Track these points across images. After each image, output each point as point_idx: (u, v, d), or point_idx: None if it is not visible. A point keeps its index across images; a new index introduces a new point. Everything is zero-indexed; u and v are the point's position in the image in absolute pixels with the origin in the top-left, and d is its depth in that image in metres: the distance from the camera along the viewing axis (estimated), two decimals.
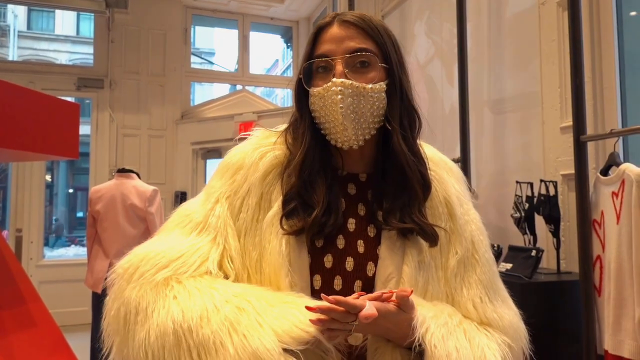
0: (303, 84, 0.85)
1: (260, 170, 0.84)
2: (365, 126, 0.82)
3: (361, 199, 0.86)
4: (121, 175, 3.17)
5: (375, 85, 0.82)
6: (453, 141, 3.17)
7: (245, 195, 0.83)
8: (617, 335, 1.75)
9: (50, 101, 2.28)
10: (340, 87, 0.79)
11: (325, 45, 0.83)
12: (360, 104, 0.80)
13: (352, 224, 0.83)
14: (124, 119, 5.55)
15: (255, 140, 0.89)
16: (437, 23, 3.54)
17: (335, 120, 0.80)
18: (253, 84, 6.58)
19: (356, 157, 0.87)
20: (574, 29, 2.05)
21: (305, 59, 0.85)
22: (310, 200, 0.80)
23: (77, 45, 16.48)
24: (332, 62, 0.82)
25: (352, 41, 0.82)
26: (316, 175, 0.82)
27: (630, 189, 1.72)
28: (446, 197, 0.86)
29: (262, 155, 0.86)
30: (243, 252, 0.81)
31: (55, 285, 5.03)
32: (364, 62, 0.82)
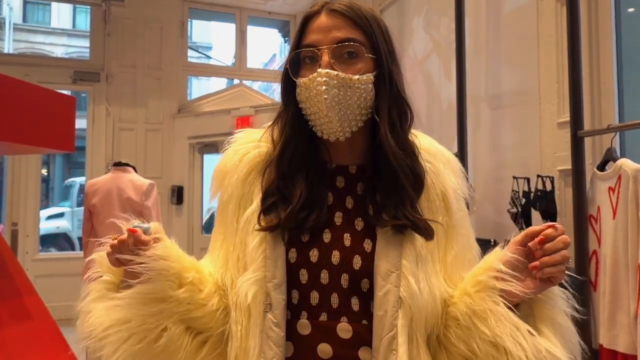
0: (290, 74, 0.83)
1: (241, 172, 0.85)
2: (352, 118, 0.80)
3: (350, 192, 0.84)
4: (117, 169, 3.15)
5: (362, 76, 0.80)
6: (450, 136, 3.17)
7: (230, 198, 0.85)
8: (612, 329, 1.77)
9: (46, 94, 2.27)
10: (325, 77, 0.77)
11: (312, 35, 0.82)
12: (347, 95, 0.79)
13: (339, 217, 0.82)
14: (120, 113, 5.52)
15: (237, 142, 0.90)
16: (435, 18, 3.54)
17: (320, 112, 0.79)
18: (250, 78, 6.56)
19: (345, 149, 0.85)
20: (572, 25, 2.05)
21: (293, 48, 0.84)
22: (289, 194, 0.80)
23: (73, 38, 16.37)
24: (318, 52, 0.80)
25: (339, 31, 0.80)
26: (296, 168, 0.82)
27: (626, 185, 1.72)
28: (443, 190, 0.84)
29: (243, 156, 0.86)
30: (225, 255, 0.85)
31: (51, 279, 5.02)
32: (351, 52, 0.80)
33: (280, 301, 0.76)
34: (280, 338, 0.75)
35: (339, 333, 0.77)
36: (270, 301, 0.76)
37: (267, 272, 0.77)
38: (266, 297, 0.76)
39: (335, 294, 0.78)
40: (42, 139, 2.20)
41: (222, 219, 0.87)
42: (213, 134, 5.54)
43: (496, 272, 0.75)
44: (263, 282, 0.76)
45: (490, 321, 0.74)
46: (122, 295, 0.77)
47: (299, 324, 0.78)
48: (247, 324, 0.77)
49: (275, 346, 0.75)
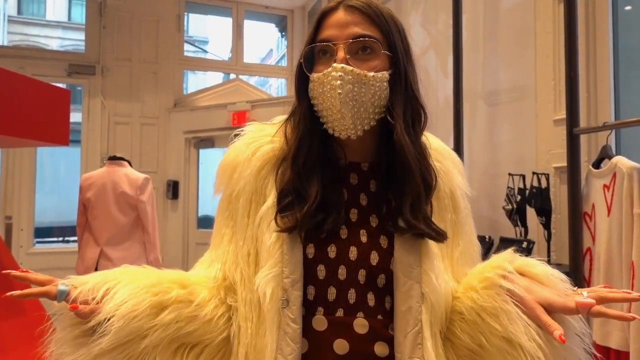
0: (304, 69, 0.82)
1: (254, 166, 0.84)
2: (365, 116, 0.79)
3: (363, 188, 0.85)
4: (112, 163, 3.14)
5: (377, 73, 0.79)
6: (447, 132, 3.17)
7: (241, 192, 0.84)
8: (605, 326, 1.78)
9: (41, 87, 2.25)
10: (340, 72, 0.76)
11: (328, 30, 0.81)
12: (361, 92, 0.78)
13: (354, 214, 0.82)
14: (115, 107, 5.49)
15: (248, 135, 0.88)
16: (432, 14, 3.53)
17: (333, 107, 0.78)
18: (247, 73, 6.54)
19: (356, 147, 0.85)
20: (570, 22, 2.04)
21: (308, 43, 0.83)
22: (305, 193, 0.79)
23: (68, 31, 16.26)
24: (334, 47, 0.79)
25: (356, 27, 0.79)
26: (311, 166, 0.81)
27: (621, 182, 1.73)
28: (452, 189, 0.86)
29: (255, 150, 0.85)
30: (233, 251, 0.84)
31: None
32: (367, 49, 0.80)
33: (297, 297, 0.76)
34: (297, 334, 0.75)
35: (356, 328, 0.78)
36: (287, 297, 0.76)
37: (284, 268, 0.77)
38: (283, 294, 0.76)
39: (352, 290, 0.78)
40: (36, 132, 2.19)
41: (229, 214, 0.85)
42: (209, 128, 5.52)
43: (505, 272, 0.76)
44: (280, 279, 0.76)
45: (503, 318, 0.74)
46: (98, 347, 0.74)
47: (314, 320, 0.78)
48: (258, 320, 0.77)
49: (293, 342, 0.75)
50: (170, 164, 5.63)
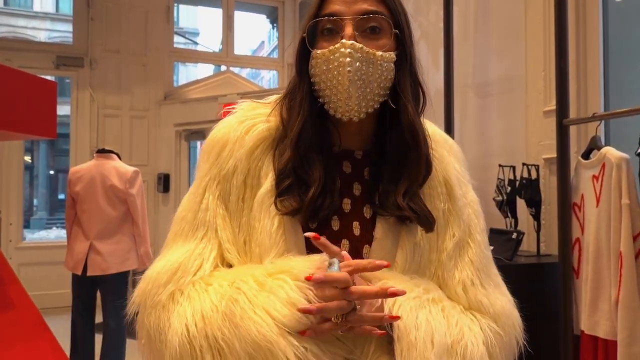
0: (307, 44, 0.77)
1: (247, 145, 0.78)
2: (370, 97, 0.75)
3: (357, 177, 0.81)
4: (101, 156, 3.10)
5: (385, 53, 0.75)
6: (437, 124, 3.16)
7: (232, 173, 0.78)
8: (593, 315, 1.79)
9: (27, 79, 2.22)
10: (349, 49, 0.72)
11: (334, 4, 0.76)
12: (369, 71, 0.74)
13: (347, 204, 0.79)
14: (104, 99, 5.43)
15: (240, 113, 0.83)
16: (423, 5, 3.52)
17: (339, 86, 0.73)
18: (238, 65, 6.49)
19: (354, 132, 0.80)
20: (560, 13, 2.04)
21: (311, 17, 0.77)
22: (306, 177, 0.75)
23: (56, 22, 16.04)
24: (341, 22, 0.74)
25: (364, 3, 0.75)
26: (313, 150, 0.76)
27: (610, 173, 1.73)
28: (446, 177, 0.82)
29: (249, 128, 0.80)
30: (231, 237, 0.78)
31: (35, 268, 4.96)
32: (375, 27, 0.75)
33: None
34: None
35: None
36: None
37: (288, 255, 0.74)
38: None
39: None
40: (22, 124, 2.16)
41: (219, 193, 0.78)
42: (200, 121, 5.48)
43: None
44: None
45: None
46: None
47: None
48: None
49: None
50: (161, 156, 5.59)
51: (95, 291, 3.05)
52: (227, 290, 0.70)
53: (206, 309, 0.69)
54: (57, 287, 4.82)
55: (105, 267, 2.90)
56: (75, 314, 3.03)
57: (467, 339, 0.72)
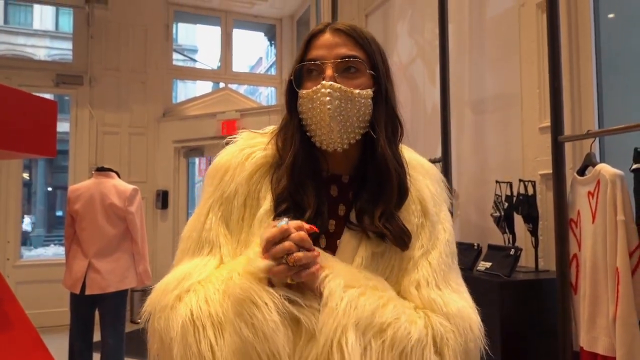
0: (294, 85, 0.88)
1: (247, 170, 0.88)
2: (351, 130, 0.85)
3: (342, 200, 0.89)
4: (100, 174, 3.11)
5: (362, 91, 0.85)
6: (434, 140, 3.20)
7: (233, 195, 0.87)
8: (591, 332, 1.79)
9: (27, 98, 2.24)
10: (329, 89, 0.82)
11: (317, 50, 0.87)
12: (347, 107, 0.83)
13: (332, 224, 0.87)
14: (104, 117, 5.46)
15: (241, 142, 0.93)
16: (419, 23, 3.57)
17: (322, 121, 0.83)
18: (236, 81, 6.55)
19: (340, 160, 0.90)
20: (552, 31, 2.08)
21: (297, 62, 0.89)
22: (301, 202, 0.84)
23: (55, 40, 16.17)
24: (322, 66, 0.85)
25: (342, 48, 0.86)
26: (306, 177, 0.86)
27: (605, 189, 1.75)
28: (420, 196, 0.90)
29: (248, 155, 0.89)
30: (230, 252, 0.86)
31: (33, 286, 4.94)
32: (353, 68, 0.86)
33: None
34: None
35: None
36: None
37: None
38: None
39: None
40: (22, 144, 2.17)
41: (221, 214, 0.87)
42: (198, 137, 5.52)
43: None
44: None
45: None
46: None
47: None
48: None
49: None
50: (160, 173, 5.60)
51: (93, 310, 3.04)
52: (225, 275, 0.80)
53: (209, 293, 0.78)
54: (54, 305, 4.79)
55: (104, 285, 2.89)
56: (73, 333, 3.02)
57: (402, 324, 0.75)
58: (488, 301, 2.08)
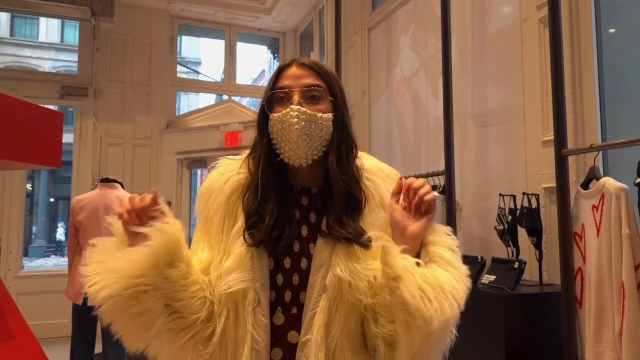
0: (265, 110, 1.02)
1: (225, 192, 1.04)
2: (314, 147, 1.00)
3: (312, 208, 1.04)
4: (105, 185, 3.12)
5: (324, 114, 1.01)
6: (437, 153, 3.21)
7: (215, 213, 1.04)
8: (597, 346, 1.78)
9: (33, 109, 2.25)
10: (297, 112, 0.97)
11: (285, 80, 1.02)
12: (311, 128, 0.98)
13: (304, 230, 1.02)
14: (108, 128, 5.50)
15: (221, 168, 1.10)
16: (421, 37, 3.60)
17: (290, 140, 0.97)
18: (239, 94, 6.58)
19: (307, 174, 1.04)
20: (555, 46, 2.10)
21: (269, 90, 1.04)
22: (263, 213, 0.99)
23: (61, 53, 16.32)
24: (290, 93, 1.00)
25: (307, 78, 1.02)
26: (269, 191, 1.01)
27: (609, 203, 1.75)
28: (380, 199, 1.04)
29: (227, 180, 1.05)
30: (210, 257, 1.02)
31: (34, 297, 4.92)
32: (316, 95, 1.01)
33: (266, 297, 0.96)
34: (267, 326, 0.95)
35: (289, 338, 0.97)
36: (259, 297, 0.95)
37: (254, 274, 0.96)
38: (255, 295, 0.95)
39: (303, 292, 0.98)
40: (28, 154, 2.18)
41: (207, 229, 1.05)
42: (202, 149, 5.53)
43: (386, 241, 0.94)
44: (252, 283, 0.95)
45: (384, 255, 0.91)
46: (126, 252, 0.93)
47: (275, 317, 0.98)
48: (237, 316, 0.96)
49: (264, 333, 0.95)
50: (163, 184, 5.61)
51: (95, 321, 3.03)
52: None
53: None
54: (56, 316, 4.77)
55: None
56: (75, 344, 3.00)
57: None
58: (492, 314, 2.07)
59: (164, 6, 5.76)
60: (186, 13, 5.98)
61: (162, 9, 5.78)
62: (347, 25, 4.60)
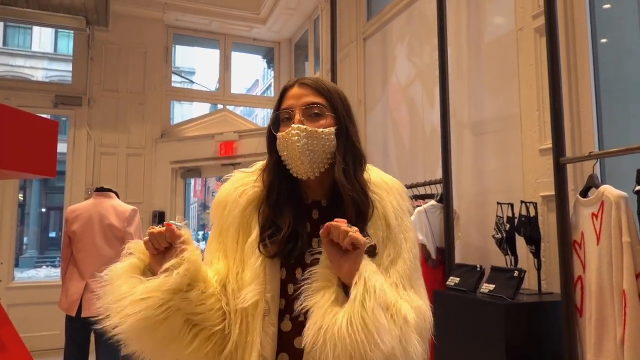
0: (272, 130, 1.08)
1: (241, 205, 1.09)
2: (319, 161, 1.05)
3: (323, 221, 1.02)
4: (99, 195, 3.09)
5: (325, 129, 1.05)
6: (434, 162, 3.21)
7: (230, 225, 1.09)
8: (599, 356, 1.77)
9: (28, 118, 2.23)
10: (297, 130, 1.03)
11: (288, 100, 1.09)
12: (313, 143, 1.03)
13: (315, 242, 1.05)
14: (101, 137, 5.46)
15: (235, 179, 1.14)
16: (417, 46, 3.62)
17: (294, 156, 1.03)
18: (234, 103, 6.58)
19: (317, 187, 1.09)
20: (552, 55, 2.11)
21: (274, 111, 1.10)
22: (280, 224, 1.04)
23: (54, 62, 16.27)
24: (292, 112, 1.06)
25: (308, 97, 1.07)
26: (283, 203, 1.06)
27: (609, 211, 1.75)
28: (384, 212, 1.07)
29: (242, 193, 1.10)
30: (227, 268, 1.07)
31: (26, 308, 4.85)
32: (317, 113, 1.06)
33: (275, 307, 1.01)
34: (274, 334, 1.00)
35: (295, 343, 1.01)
36: (268, 307, 1.00)
37: (267, 285, 1.01)
38: (266, 304, 1.00)
39: None
40: (22, 164, 2.16)
41: (222, 240, 1.10)
42: (196, 158, 5.51)
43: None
44: (263, 294, 1.01)
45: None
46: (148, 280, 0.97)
47: (282, 324, 1.02)
48: (247, 324, 1.00)
49: (271, 340, 1.00)
50: (157, 194, 5.57)
51: (89, 333, 2.98)
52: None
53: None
54: (48, 328, 4.70)
55: None
56: (68, 356, 2.95)
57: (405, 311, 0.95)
58: (492, 323, 2.05)
59: (159, 16, 5.76)
60: (181, 23, 5.98)
61: (157, 18, 5.78)
62: (342, 35, 4.62)
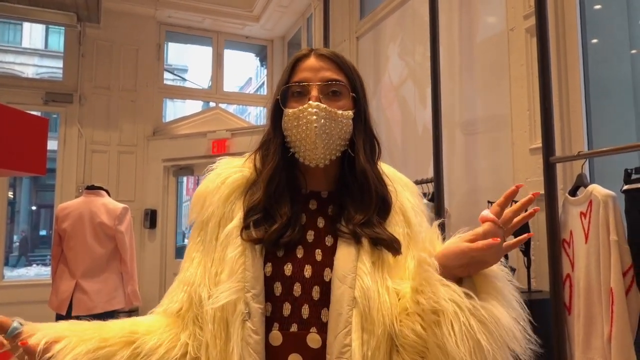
0: (280, 105, 0.92)
1: (223, 193, 0.92)
2: (333, 147, 0.90)
3: (321, 213, 0.93)
4: (90, 193, 3.07)
5: (344, 112, 0.92)
6: (425, 160, 3.22)
7: (210, 218, 0.92)
8: (587, 353, 1.79)
9: (18, 115, 2.22)
10: (316, 109, 0.88)
11: (302, 73, 0.93)
12: (331, 126, 0.89)
13: (310, 235, 0.90)
14: (93, 135, 5.43)
15: (219, 168, 0.98)
16: (410, 45, 3.63)
17: (307, 138, 0.88)
18: (227, 101, 6.56)
19: (320, 176, 0.94)
20: (542, 55, 2.12)
21: (283, 83, 0.94)
22: (274, 213, 0.88)
23: (45, 59, 16.13)
24: (308, 87, 0.91)
25: (327, 72, 0.92)
26: (283, 190, 0.90)
27: (597, 210, 1.77)
28: (402, 207, 0.95)
29: (225, 178, 0.94)
30: (204, 272, 0.88)
31: (16, 307, 4.81)
32: (336, 91, 0.92)
33: (258, 310, 0.82)
34: (259, 345, 0.81)
35: (309, 343, 0.83)
36: (249, 310, 0.81)
37: (246, 283, 0.83)
38: (245, 307, 0.81)
39: (306, 305, 0.84)
40: (12, 161, 2.14)
41: (200, 238, 0.92)
42: (189, 156, 5.49)
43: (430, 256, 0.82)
44: (242, 293, 0.82)
45: (426, 289, 0.78)
46: None
47: (270, 336, 0.83)
48: (226, 336, 0.82)
49: (255, 352, 0.80)
50: (148, 192, 5.55)
51: None
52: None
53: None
54: None
55: (91, 306, 2.83)
56: None
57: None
58: None
59: (151, 13, 5.73)
60: (174, 20, 5.95)
61: (149, 15, 5.75)
62: (335, 33, 4.62)
